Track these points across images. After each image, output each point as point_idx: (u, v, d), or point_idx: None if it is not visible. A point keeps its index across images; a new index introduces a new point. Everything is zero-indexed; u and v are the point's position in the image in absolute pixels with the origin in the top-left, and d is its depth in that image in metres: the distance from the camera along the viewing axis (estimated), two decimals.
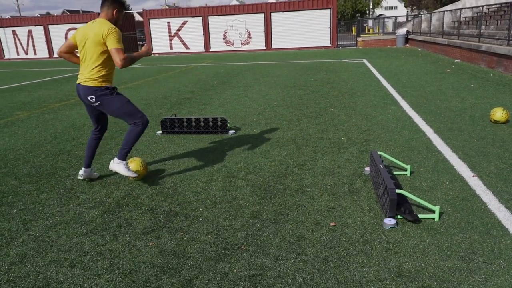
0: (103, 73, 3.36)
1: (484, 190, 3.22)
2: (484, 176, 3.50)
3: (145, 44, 3.52)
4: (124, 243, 2.68)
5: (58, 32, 28.92)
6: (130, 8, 76.95)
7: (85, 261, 2.49)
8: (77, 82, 3.43)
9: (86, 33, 3.31)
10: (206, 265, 2.40)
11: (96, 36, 3.25)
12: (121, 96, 3.46)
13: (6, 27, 29.61)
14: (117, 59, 3.19)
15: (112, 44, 3.22)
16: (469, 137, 4.65)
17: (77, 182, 3.83)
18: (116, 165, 3.55)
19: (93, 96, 3.35)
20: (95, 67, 3.33)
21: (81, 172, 3.79)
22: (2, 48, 30.08)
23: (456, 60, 13.47)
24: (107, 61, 3.36)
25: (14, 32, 29.53)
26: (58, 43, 28.91)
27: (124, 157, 3.54)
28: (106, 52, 3.30)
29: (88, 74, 3.34)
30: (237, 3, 73.44)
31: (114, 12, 3.36)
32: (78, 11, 65.23)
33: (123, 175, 3.81)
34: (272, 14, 25.51)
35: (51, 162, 4.47)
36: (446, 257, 2.36)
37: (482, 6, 13.90)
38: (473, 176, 3.52)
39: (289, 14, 25.30)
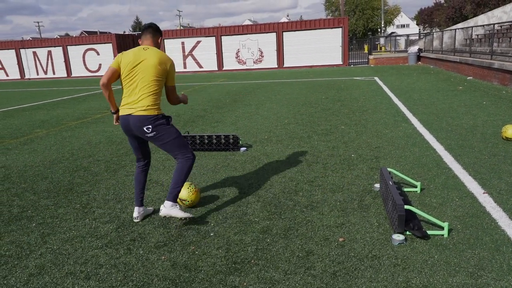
0: (158, 101, 3.10)
1: (495, 207, 3.22)
2: (494, 193, 3.50)
3: (184, 94, 3.38)
4: (138, 256, 2.76)
5: (76, 53, 29.84)
6: None
7: (100, 274, 2.57)
8: (125, 113, 3.05)
9: (138, 58, 3.02)
10: (217, 278, 2.45)
11: (160, 63, 3.03)
12: (175, 127, 3.21)
13: (27, 48, 30.70)
14: (174, 96, 3.19)
15: (173, 81, 3.18)
16: (480, 154, 4.65)
17: (93, 197, 3.95)
18: (170, 210, 3.11)
19: (150, 126, 3.02)
20: (152, 94, 3.03)
21: (135, 214, 3.33)
22: (23, 69, 31.13)
23: (469, 78, 13.44)
24: (161, 91, 3.14)
25: (34, 53, 30.58)
26: (76, 63, 29.83)
27: (176, 198, 3.15)
28: (163, 82, 3.12)
29: (143, 102, 3.02)
30: (249, 22, 74.83)
31: (159, 40, 3.22)
32: (95, 32, 67.29)
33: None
34: (284, 33, 25.90)
35: (68, 178, 4.61)
36: (454, 273, 2.37)
37: (494, 24, 13.92)
38: (484, 193, 3.52)
39: (301, 33, 25.66)
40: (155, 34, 3.19)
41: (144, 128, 3.03)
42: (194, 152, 3.39)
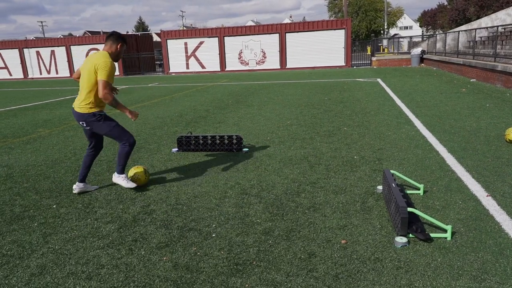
0: (91, 99, 3.70)
1: (498, 210, 3.20)
2: (498, 196, 3.48)
3: (134, 113, 3.89)
4: (139, 257, 2.76)
5: (79, 53, 29.95)
6: (148, 29, 79.15)
7: (101, 274, 2.56)
8: (73, 106, 3.82)
9: (85, 62, 3.73)
10: (218, 280, 2.44)
11: (91, 65, 3.62)
12: (108, 121, 3.83)
13: (31, 48, 30.81)
14: (101, 89, 3.58)
15: (101, 76, 3.58)
16: (483, 157, 4.63)
17: (95, 197, 3.95)
18: (117, 179, 4.02)
19: (84, 122, 3.77)
20: (86, 94, 3.69)
21: (75, 186, 4.04)
22: (26, 68, 31.23)
23: (472, 80, 13.40)
24: (96, 90, 3.68)
25: (38, 52, 30.69)
26: (79, 63, 29.88)
27: (122, 171, 3.98)
28: (96, 81, 3.65)
29: (80, 100, 3.72)
30: (252, 23, 74.82)
31: (118, 46, 3.76)
32: (99, 32, 67.47)
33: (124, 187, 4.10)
34: (287, 34, 25.91)
35: (70, 178, 4.61)
36: (457, 276, 2.36)
37: (498, 26, 13.87)
38: (487, 196, 3.50)
39: (304, 34, 25.66)
40: (115, 41, 3.74)
41: (80, 123, 3.79)
42: (134, 139, 3.96)
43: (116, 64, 3.88)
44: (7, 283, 2.52)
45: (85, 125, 3.78)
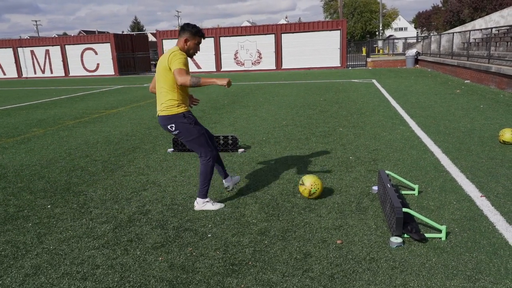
0: (175, 97, 3.29)
1: (492, 211, 3.23)
2: (492, 197, 3.51)
3: (225, 80, 3.18)
4: (135, 257, 2.75)
5: (74, 52, 29.78)
6: (144, 29, 78.93)
7: (96, 274, 2.55)
8: (157, 114, 3.40)
9: (159, 63, 3.33)
10: (214, 280, 2.44)
11: (163, 61, 3.24)
12: (199, 126, 3.41)
13: (25, 47, 30.60)
14: (177, 77, 3.12)
15: (173, 66, 3.16)
16: (477, 158, 4.66)
17: (90, 197, 3.94)
18: (202, 205, 3.50)
19: (173, 125, 3.32)
20: (166, 94, 3.29)
21: (225, 182, 3.82)
22: (21, 67, 31.01)
23: (466, 81, 13.49)
24: (177, 87, 3.29)
25: (32, 51, 30.48)
26: (74, 62, 29.77)
27: (206, 194, 3.50)
28: (173, 78, 3.24)
29: (161, 103, 3.32)
30: (248, 24, 74.81)
31: (184, 41, 3.32)
32: (94, 32, 67.13)
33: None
34: (283, 35, 25.95)
35: (65, 178, 4.59)
36: (452, 276, 2.37)
37: (492, 28, 13.99)
38: (481, 196, 3.53)
39: (299, 35, 25.71)
40: (181, 35, 3.35)
41: (168, 127, 3.35)
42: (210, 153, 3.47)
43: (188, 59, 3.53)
44: (1, 283, 2.50)
45: (173, 128, 3.32)
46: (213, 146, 3.54)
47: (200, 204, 3.50)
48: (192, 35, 3.32)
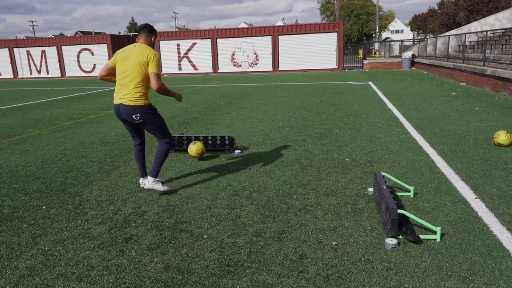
0: (143, 91, 3.64)
1: (486, 212, 3.25)
2: (486, 198, 3.53)
3: (181, 96, 3.95)
4: (130, 258, 2.74)
5: (70, 53, 29.69)
6: None
7: (91, 275, 2.55)
8: (117, 102, 3.67)
9: (127, 54, 3.62)
10: (210, 281, 2.44)
11: (141, 56, 3.55)
12: (159, 115, 3.81)
13: (21, 47, 30.47)
14: (154, 82, 3.55)
15: (152, 69, 3.55)
16: (472, 160, 4.69)
17: (86, 198, 3.92)
18: (151, 184, 3.86)
19: (138, 114, 3.64)
20: (135, 86, 3.59)
21: (141, 180, 4.07)
22: (16, 68, 30.87)
23: (461, 84, 13.57)
24: (147, 82, 3.65)
25: (28, 52, 30.36)
26: (70, 63, 29.67)
27: (157, 174, 3.87)
28: (147, 73, 3.60)
29: (128, 93, 3.61)
30: (245, 25, 74.92)
31: (152, 39, 3.76)
32: (90, 33, 66.95)
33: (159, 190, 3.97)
34: (280, 36, 26.00)
35: (60, 179, 4.57)
36: (446, 277, 2.39)
37: (487, 31, 14.09)
38: (476, 198, 3.55)
39: (296, 37, 25.76)
40: (149, 33, 3.74)
41: (133, 116, 3.65)
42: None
43: None
44: None
45: (138, 117, 3.65)
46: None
47: (151, 183, 3.85)
48: (155, 34, 3.80)
